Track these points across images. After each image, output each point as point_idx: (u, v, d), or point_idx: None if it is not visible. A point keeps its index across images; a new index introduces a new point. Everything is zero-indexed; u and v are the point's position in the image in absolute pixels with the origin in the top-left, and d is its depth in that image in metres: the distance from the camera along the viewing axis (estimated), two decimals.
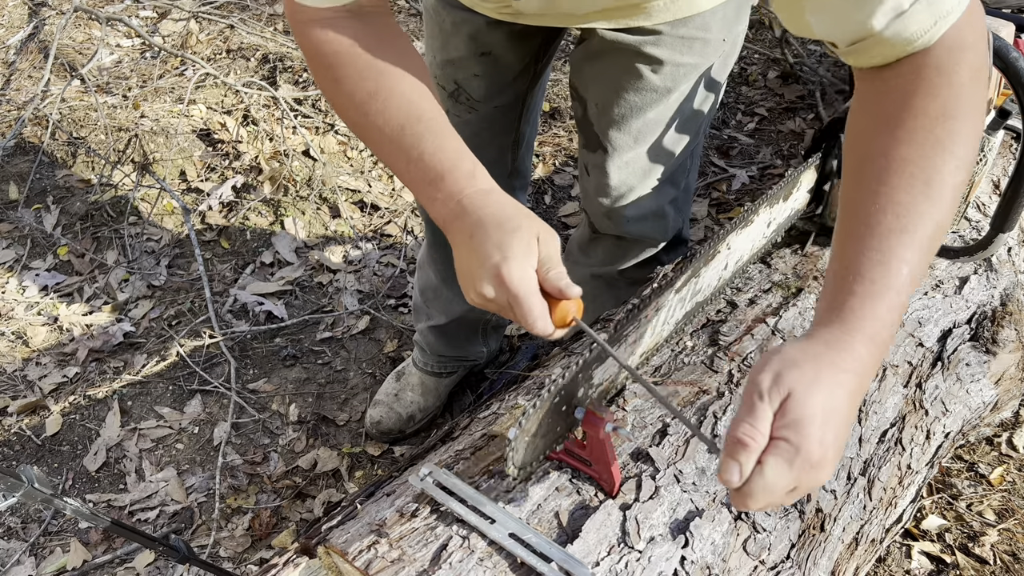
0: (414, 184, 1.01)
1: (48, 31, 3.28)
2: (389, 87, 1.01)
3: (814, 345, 0.81)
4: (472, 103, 1.54)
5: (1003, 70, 1.34)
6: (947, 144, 0.83)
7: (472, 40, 1.45)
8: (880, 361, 0.83)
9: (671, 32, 1.33)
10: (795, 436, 0.76)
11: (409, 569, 0.96)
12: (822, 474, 0.77)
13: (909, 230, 0.82)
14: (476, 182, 0.98)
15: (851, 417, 0.81)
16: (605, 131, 1.46)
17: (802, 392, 0.77)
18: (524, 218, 0.94)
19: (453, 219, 0.97)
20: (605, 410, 1.03)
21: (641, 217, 1.57)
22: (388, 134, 1.01)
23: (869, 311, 0.81)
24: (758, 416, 0.77)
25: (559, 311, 0.92)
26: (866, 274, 0.82)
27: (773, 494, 0.76)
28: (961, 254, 1.53)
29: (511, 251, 0.90)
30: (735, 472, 0.76)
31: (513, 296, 0.90)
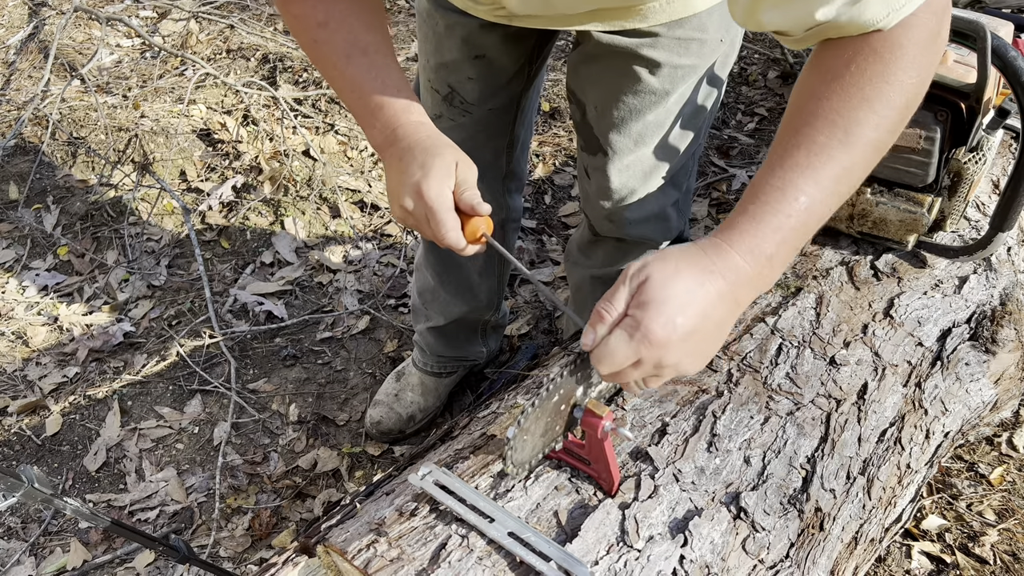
0: (355, 112, 1.11)
1: (48, 31, 3.29)
2: (339, 17, 1.08)
3: (691, 247, 0.90)
4: (466, 106, 1.54)
5: (1002, 69, 1.34)
6: (873, 101, 0.88)
7: (465, 43, 1.45)
8: (765, 276, 0.90)
9: (668, 34, 1.32)
10: (639, 313, 0.86)
11: (408, 568, 0.96)
12: (667, 354, 0.86)
13: (815, 166, 0.88)
14: (411, 114, 1.08)
15: (719, 316, 0.88)
16: (605, 134, 1.46)
17: (657, 279, 0.86)
18: (448, 147, 1.05)
19: (387, 145, 1.07)
20: (604, 409, 1.03)
21: (643, 219, 1.57)
22: (334, 62, 1.09)
23: (753, 226, 0.88)
24: (617, 295, 0.88)
25: (470, 226, 1.03)
26: (761, 196, 0.89)
27: (614, 359, 0.87)
28: (960, 254, 1.53)
29: (431, 171, 1.01)
30: (589, 336, 0.89)
31: (429, 209, 1.01)
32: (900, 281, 1.49)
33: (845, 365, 1.32)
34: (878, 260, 1.53)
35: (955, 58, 1.42)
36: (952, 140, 1.43)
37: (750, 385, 1.26)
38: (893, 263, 1.52)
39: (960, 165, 1.45)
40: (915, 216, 1.47)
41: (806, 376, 1.30)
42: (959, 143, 1.44)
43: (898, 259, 1.53)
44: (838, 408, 1.27)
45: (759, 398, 1.25)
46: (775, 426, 1.22)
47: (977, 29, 1.30)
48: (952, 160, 1.45)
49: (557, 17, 1.29)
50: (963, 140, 1.43)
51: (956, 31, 1.35)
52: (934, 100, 1.40)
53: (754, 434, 1.20)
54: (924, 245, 1.53)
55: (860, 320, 1.41)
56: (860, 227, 1.53)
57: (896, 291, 1.47)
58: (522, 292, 2.47)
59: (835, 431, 1.24)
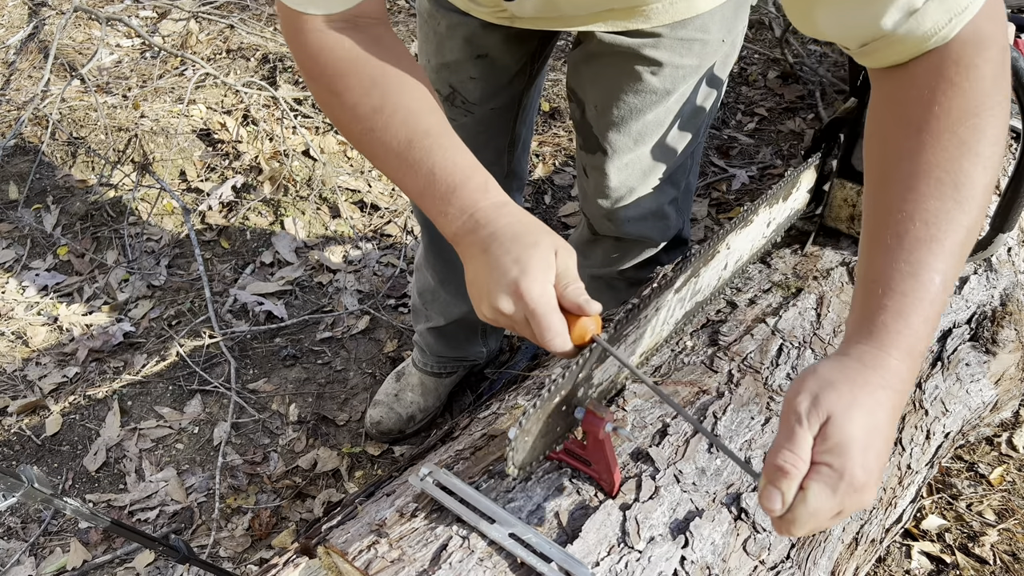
0: (424, 199, 0.98)
1: (48, 31, 3.28)
2: (395, 101, 0.98)
3: (850, 363, 0.80)
4: (468, 106, 1.54)
5: None
6: (972, 144, 0.81)
7: (468, 43, 1.45)
8: (916, 374, 0.83)
9: (670, 34, 1.32)
10: (838, 461, 0.75)
11: (409, 569, 0.96)
12: (866, 496, 0.77)
13: (939, 239, 0.81)
14: (489, 195, 0.95)
15: (891, 435, 0.80)
16: (604, 133, 1.46)
17: (841, 415, 0.76)
18: (542, 232, 0.92)
19: (466, 233, 0.94)
20: (605, 410, 1.03)
21: (641, 218, 1.57)
22: (395, 149, 0.98)
23: (903, 325, 0.80)
24: (798, 442, 0.76)
25: (578, 328, 0.90)
26: (897, 287, 0.81)
27: (818, 519, 0.76)
28: None
29: (530, 265, 0.87)
30: (777, 500, 0.76)
31: (531, 312, 0.87)
32: None
33: None
34: None
35: None
36: None
37: (751, 386, 1.26)
38: None
39: None
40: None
41: None
42: None
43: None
44: None
45: (760, 399, 1.25)
46: (776, 427, 1.22)
47: None
48: None
49: (559, 19, 1.29)
50: None
51: None
52: None
53: (755, 435, 1.20)
54: None
55: None
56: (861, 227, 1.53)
57: None
58: None
59: None
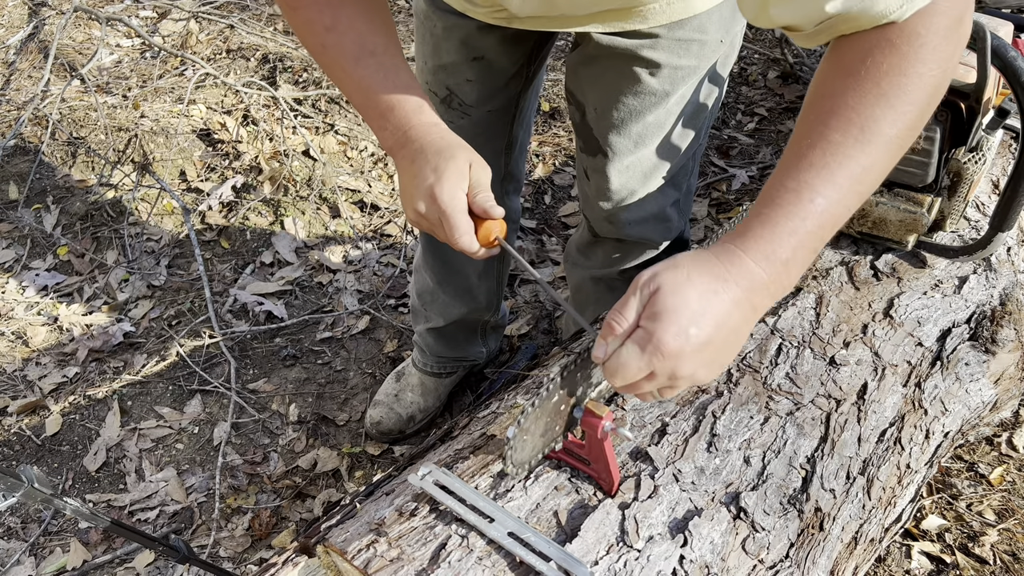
0: (366, 115, 1.10)
1: (48, 31, 3.29)
2: (346, 21, 1.07)
3: (702, 253, 0.87)
4: (465, 108, 1.54)
5: (1001, 69, 1.34)
6: (891, 97, 0.85)
7: (464, 45, 1.45)
8: (782, 282, 0.88)
9: (668, 35, 1.32)
10: (650, 325, 0.84)
11: (408, 568, 0.96)
12: (681, 365, 0.84)
13: (831, 166, 0.85)
14: (422, 115, 1.06)
15: (734, 324, 0.86)
16: (604, 135, 1.46)
17: (668, 288, 0.84)
18: (460, 148, 1.03)
19: (399, 147, 1.06)
20: (604, 409, 1.03)
21: (642, 220, 1.57)
22: (344, 66, 1.08)
23: (768, 231, 0.86)
24: (628, 306, 0.86)
25: (483, 229, 1.02)
26: (776, 199, 0.87)
27: (627, 372, 0.85)
28: (960, 254, 1.53)
29: (445, 173, 1.00)
30: (601, 349, 0.87)
31: (443, 212, 1.00)
32: (900, 281, 1.49)
33: (845, 365, 1.32)
34: (878, 260, 1.53)
35: None
36: (952, 140, 1.43)
37: (750, 385, 1.26)
38: (893, 263, 1.52)
39: (960, 165, 1.45)
40: (915, 216, 1.47)
41: (806, 376, 1.30)
42: (959, 143, 1.44)
43: (898, 259, 1.53)
44: (838, 408, 1.27)
45: (759, 398, 1.25)
46: (775, 426, 1.22)
47: (977, 29, 1.30)
48: (952, 160, 1.45)
49: (558, 18, 1.29)
50: (963, 140, 1.43)
51: None
52: None
53: (754, 434, 1.20)
54: (924, 245, 1.53)
55: (860, 320, 1.41)
56: (860, 227, 1.53)
57: (896, 291, 1.47)
58: (522, 292, 2.48)
59: (835, 431, 1.24)
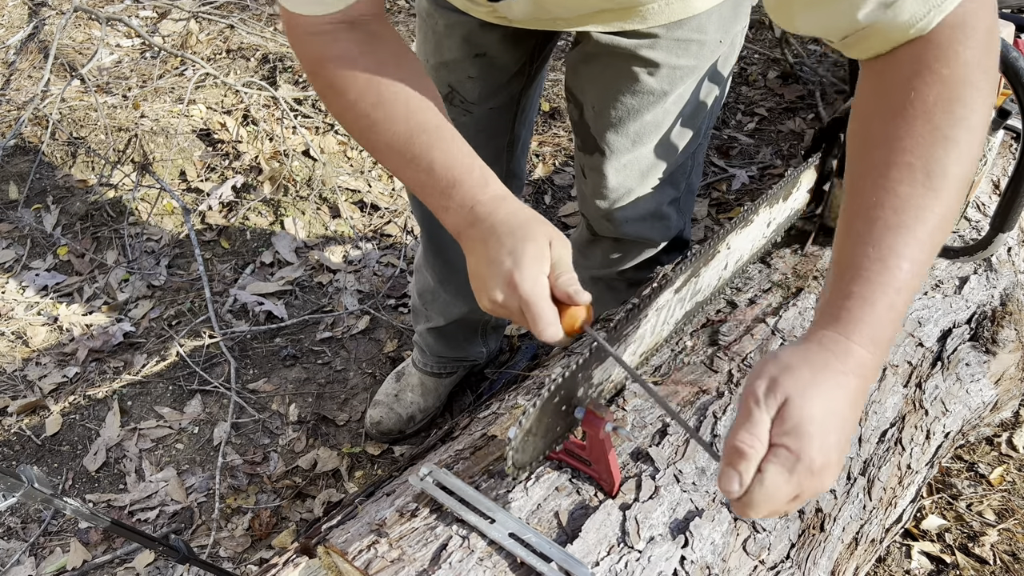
0: (425, 194, 1.00)
1: (48, 31, 3.28)
2: (393, 97, 1.00)
3: (811, 348, 0.80)
4: (467, 105, 1.54)
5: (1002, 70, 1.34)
6: (947, 131, 0.80)
7: (466, 42, 1.45)
8: (882, 361, 0.82)
9: (667, 35, 1.32)
10: (794, 443, 0.75)
11: (409, 569, 0.96)
12: (825, 479, 0.77)
13: (908, 225, 0.80)
14: (488, 189, 0.97)
15: (853, 420, 0.80)
16: (602, 134, 1.46)
17: (799, 397, 0.76)
18: (537, 224, 0.94)
19: (466, 227, 0.96)
20: (605, 410, 1.03)
21: (639, 219, 1.57)
22: (395, 146, 1.00)
23: (868, 312, 0.80)
24: (756, 423, 0.76)
25: (568, 317, 0.93)
26: (863, 273, 0.80)
27: (774, 502, 0.76)
28: (961, 254, 1.53)
29: (523, 257, 0.90)
30: (735, 481, 0.76)
31: (524, 302, 0.90)
32: None
33: None
34: None
35: None
36: None
37: None
38: None
39: None
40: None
41: None
42: None
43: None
44: None
45: None
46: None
47: None
48: None
49: (552, 20, 1.29)
50: None
51: None
52: None
53: None
54: None
55: None
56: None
57: None
58: None
59: None
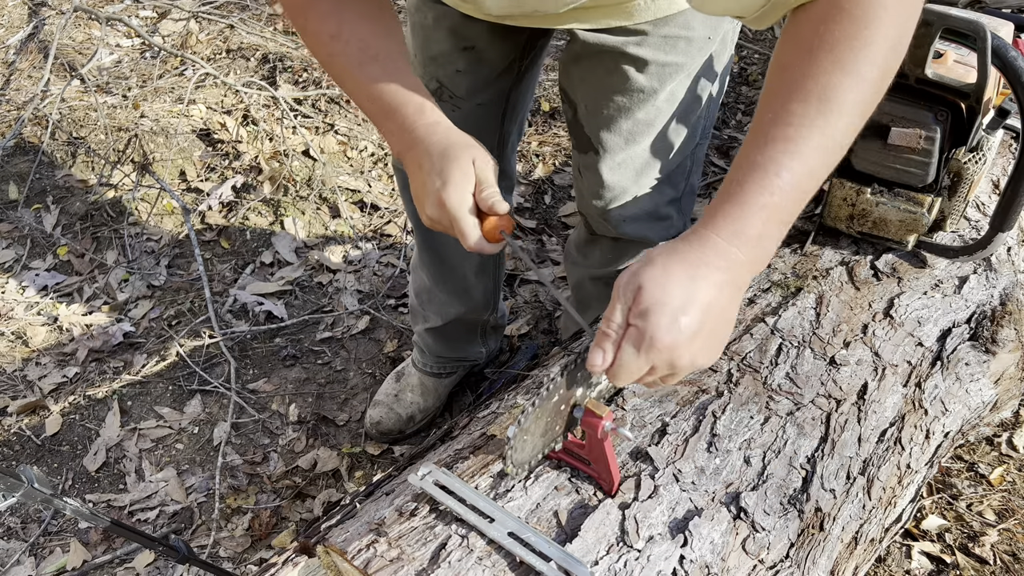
0: (373, 119, 1.11)
1: (48, 31, 3.28)
2: (350, 28, 1.09)
3: (675, 243, 0.89)
4: (455, 101, 1.54)
5: (1002, 69, 1.34)
6: (848, 63, 0.85)
7: (454, 34, 1.45)
8: (758, 256, 0.90)
9: (655, 32, 1.33)
10: (641, 322, 0.86)
11: (408, 568, 0.96)
12: (678, 355, 0.87)
13: (794, 138, 0.86)
14: (425, 116, 1.07)
15: (722, 305, 0.88)
16: (596, 132, 1.47)
17: (651, 284, 0.86)
18: (463, 147, 1.05)
19: (406, 150, 1.08)
20: (604, 409, 1.03)
21: (636, 218, 1.57)
22: (349, 72, 1.10)
23: (736, 209, 0.87)
24: (614, 310, 0.89)
25: (488, 225, 1.04)
26: (742, 178, 0.88)
27: (630, 372, 0.88)
28: (960, 253, 1.53)
29: (449, 177, 1.02)
30: (599, 357, 0.89)
31: (452, 217, 1.03)
32: (900, 281, 1.49)
33: (845, 365, 1.32)
34: (878, 260, 1.53)
35: (955, 58, 1.42)
36: (952, 140, 1.43)
37: (750, 385, 1.26)
38: (893, 263, 1.52)
39: (960, 165, 1.45)
40: (915, 216, 1.47)
41: (806, 376, 1.30)
42: (959, 143, 1.44)
43: (898, 259, 1.53)
44: (838, 408, 1.27)
45: (759, 398, 1.25)
46: (775, 426, 1.22)
47: (977, 29, 1.30)
48: (952, 160, 1.45)
49: (533, 16, 1.29)
50: (963, 140, 1.43)
51: (956, 31, 1.35)
52: (934, 100, 1.40)
53: (754, 434, 1.20)
54: (924, 245, 1.53)
55: (860, 320, 1.41)
56: (860, 227, 1.53)
57: (896, 291, 1.47)
58: (522, 292, 2.47)
59: (835, 431, 1.24)
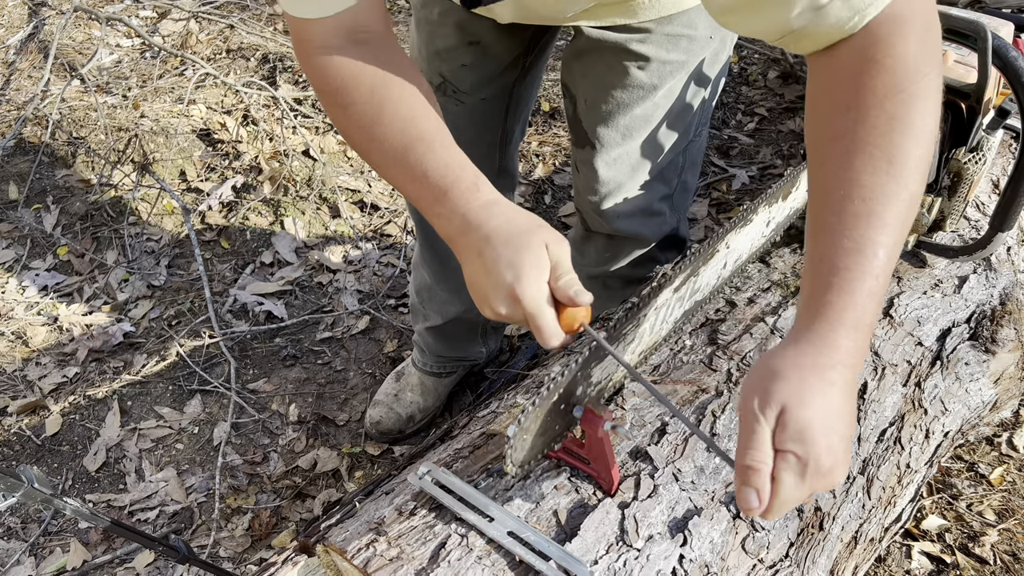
0: (421, 203, 1.01)
1: (48, 31, 3.29)
2: (392, 109, 1.02)
3: (797, 348, 0.82)
4: (459, 96, 1.54)
5: (1002, 69, 1.34)
6: (902, 117, 0.83)
7: (460, 28, 1.46)
8: (867, 346, 0.85)
9: (658, 30, 1.34)
10: (800, 449, 0.78)
11: (408, 567, 0.96)
12: (835, 476, 0.80)
13: (878, 212, 0.83)
14: (480, 195, 0.97)
15: (850, 411, 0.82)
16: (593, 127, 1.48)
17: (795, 402, 0.78)
18: (533, 230, 0.94)
19: (459, 235, 0.96)
20: (604, 408, 1.03)
21: (630, 214, 1.58)
22: (392, 156, 1.01)
23: (848, 301, 0.82)
24: (759, 438, 0.79)
25: (566, 317, 0.94)
26: (840, 264, 0.83)
27: (791, 505, 0.80)
28: (960, 253, 1.53)
29: (523, 269, 0.91)
30: (753, 498, 0.79)
31: (529, 314, 0.92)
32: (900, 281, 1.49)
33: None
34: None
35: (955, 58, 1.42)
36: (952, 140, 1.43)
37: None
38: None
39: (960, 165, 1.45)
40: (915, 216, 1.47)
41: None
42: (959, 143, 1.44)
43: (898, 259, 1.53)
44: None
45: None
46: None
47: (977, 29, 1.30)
48: (952, 160, 1.45)
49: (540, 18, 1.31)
50: (963, 140, 1.43)
51: (956, 31, 1.35)
52: None
53: None
54: (924, 245, 1.53)
55: None
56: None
57: (896, 291, 1.47)
58: None
59: None
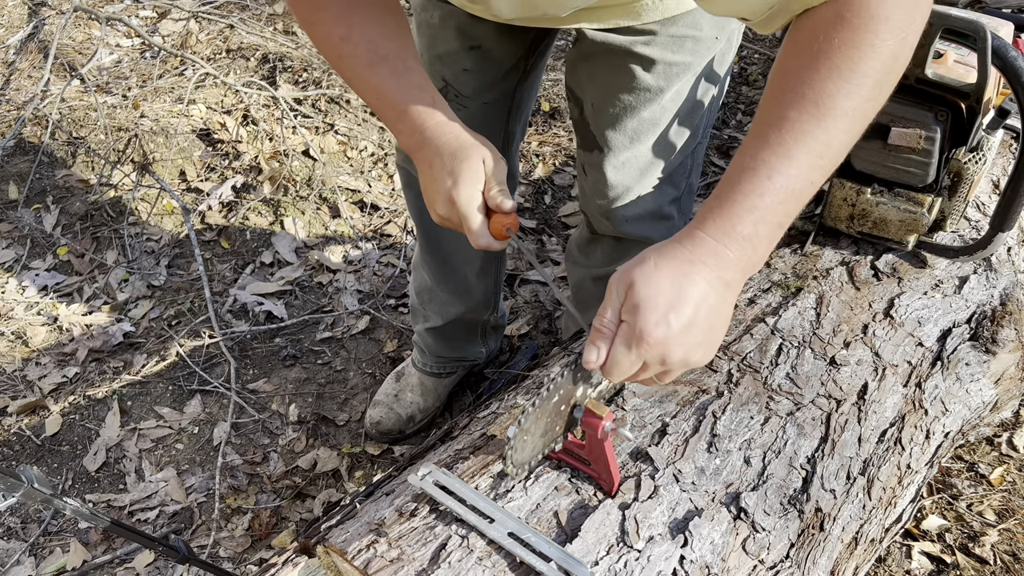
0: (384, 119, 1.13)
1: (48, 31, 3.28)
2: (360, 30, 1.11)
3: (667, 243, 0.91)
4: (461, 100, 1.54)
5: (1002, 69, 1.34)
6: (845, 71, 0.86)
7: (461, 33, 1.46)
8: (749, 257, 0.90)
9: (663, 31, 1.33)
10: (631, 319, 0.88)
11: (408, 568, 0.96)
12: (669, 351, 0.88)
13: (786, 143, 0.87)
14: (435, 116, 1.10)
15: (712, 303, 0.89)
16: (601, 131, 1.47)
17: (640, 281, 0.88)
18: (473, 147, 1.08)
19: (417, 149, 1.11)
20: (604, 409, 1.03)
21: (639, 217, 1.57)
22: (359, 73, 1.12)
23: (726, 209, 0.89)
24: (607, 308, 0.91)
25: (495, 223, 1.08)
26: (733, 179, 0.89)
27: (623, 368, 0.90)
28: (961, 254, 1.53)
29: (460, 177, 1.05)
30: (593, 353, 0.91)
31: (461, 214, 1.06)
32: (900, 281, 1.49)
33: (845, 365, 1.32)
34: (878, 260, 1.52)
35: (955, 58, 1.42)
36: (952, 140, 1.43)
37: (750, 385, 1.26)
38: (893, 263, 1.52)
39: (960, 165, 1.45)
40: (915, 216, 1.47)
41: (806, 376, 1.30)
42: (959, 143, 1.44)
43: (898, 259, 1.53)
44: (838, 408, 1.27)
45: (759, 398, 1.25)
46: (775, 426, 1.22)
47: (977, 29, 1.30)
48: (952, 160, 1.45)
49: (544, 19, 1.30)
50: (963, 140, 1.43)
51: (956, 31, 1.35)
52: (934, 100, 1.40)
53: (754, 434, 1.20)
54: (924, 245, 1.53)
55: (860, 320, 1.41)
56: (860, 227, 1.53)
57: (896, 291, 1.47)
58: (522, 292, 2.47)
59: (835, 431, 1.24)
